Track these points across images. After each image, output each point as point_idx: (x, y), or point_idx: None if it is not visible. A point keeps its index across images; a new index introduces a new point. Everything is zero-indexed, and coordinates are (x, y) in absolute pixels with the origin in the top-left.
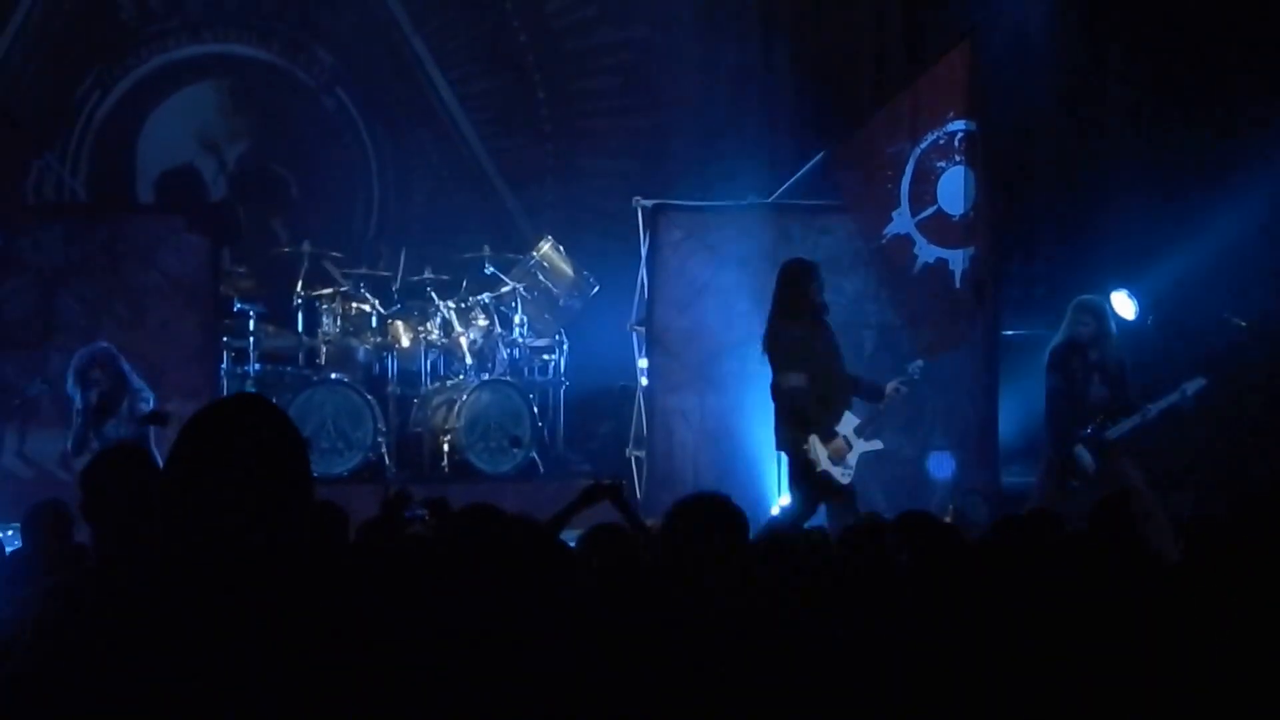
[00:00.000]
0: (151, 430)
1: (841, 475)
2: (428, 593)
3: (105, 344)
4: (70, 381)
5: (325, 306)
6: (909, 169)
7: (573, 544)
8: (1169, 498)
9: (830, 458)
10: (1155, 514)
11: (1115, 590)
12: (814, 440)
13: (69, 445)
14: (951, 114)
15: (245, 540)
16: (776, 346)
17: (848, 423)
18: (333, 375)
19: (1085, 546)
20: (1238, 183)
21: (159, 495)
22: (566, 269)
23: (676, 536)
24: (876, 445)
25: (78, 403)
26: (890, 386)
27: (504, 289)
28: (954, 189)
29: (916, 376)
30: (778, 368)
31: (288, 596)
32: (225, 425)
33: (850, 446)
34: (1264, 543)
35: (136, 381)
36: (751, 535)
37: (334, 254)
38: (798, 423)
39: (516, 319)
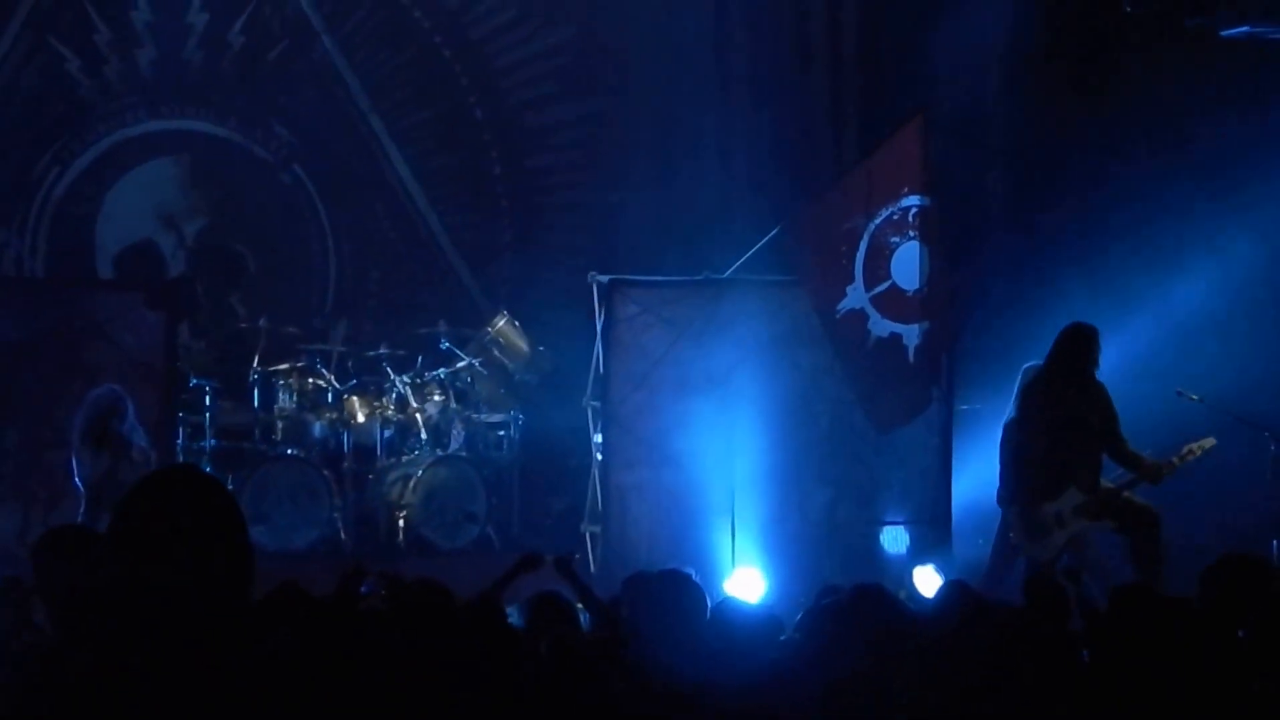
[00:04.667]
0: None
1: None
2: (377, 665)
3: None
4: (81, 437)
5: (282, 382)
6: (863, 244)
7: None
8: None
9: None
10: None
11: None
12: (1014, 513)
13: (81, 516)
14: (906, 189)
15: (184, 613)
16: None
17: (1069, 499)
18: (289, 451)
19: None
20: (1188, 258)
21: (101, 569)
22: (522, 344)
23: (633, 610)
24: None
25: (85, 469)
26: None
27: (460, 364)
28: (908, 264)
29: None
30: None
31: (229, 670)
32: (162, 499)
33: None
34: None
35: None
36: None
37: (291, 329)
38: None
39: (472, 395)
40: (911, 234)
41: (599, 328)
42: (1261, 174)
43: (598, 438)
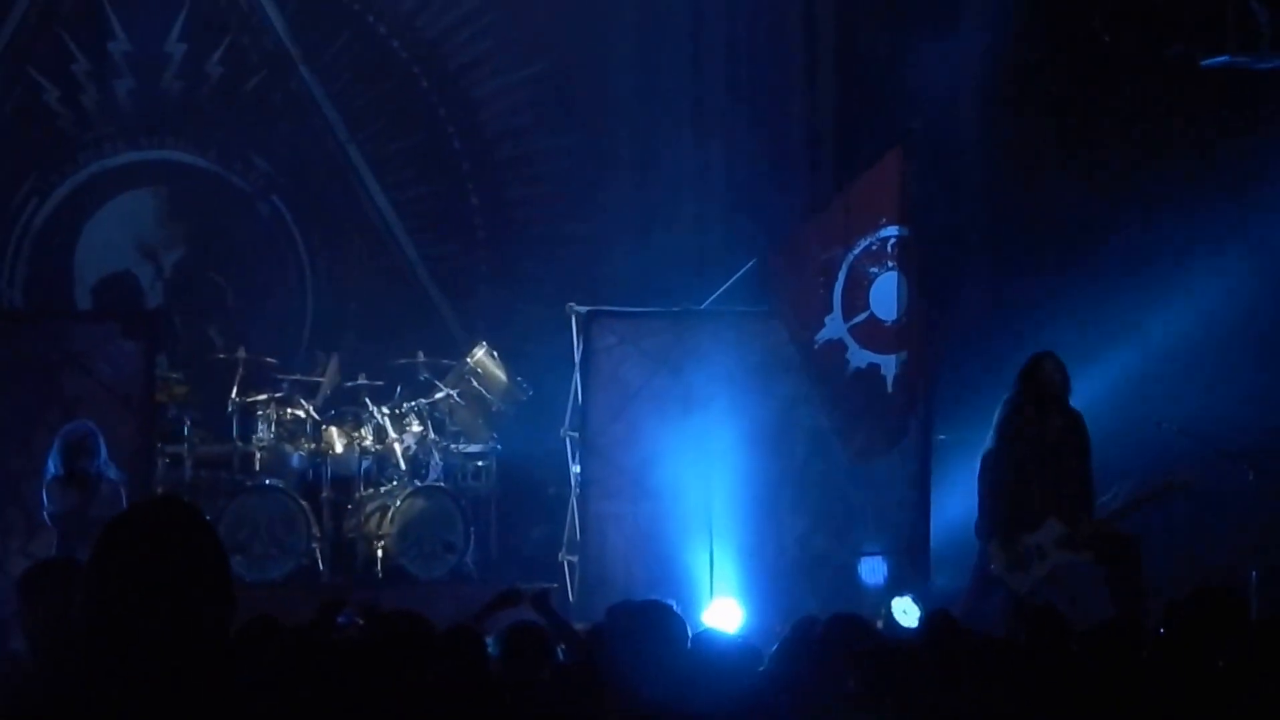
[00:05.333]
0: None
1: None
2: (355, 696)
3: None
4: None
5: (260, 413)
6: (842, 274)
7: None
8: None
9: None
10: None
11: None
12: (994, 545)
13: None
14: (884, 220)
15: (164, 644)
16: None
17: (1049, 531)
18: (267, 481)
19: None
20: (1170, 289)
21: (80, 601)
22: (500, 375)
23: (614, 640)
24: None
25: (54, 505)
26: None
27: (438, 395)
28: (887, 294)
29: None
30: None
31: (208, 702)
32: (143, 530)
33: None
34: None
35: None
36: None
37: (269, 360)
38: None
39: (450, 425)
40: (890, 264)
41: (577, 358)
42: (1241, 205)
43: (576, 468)
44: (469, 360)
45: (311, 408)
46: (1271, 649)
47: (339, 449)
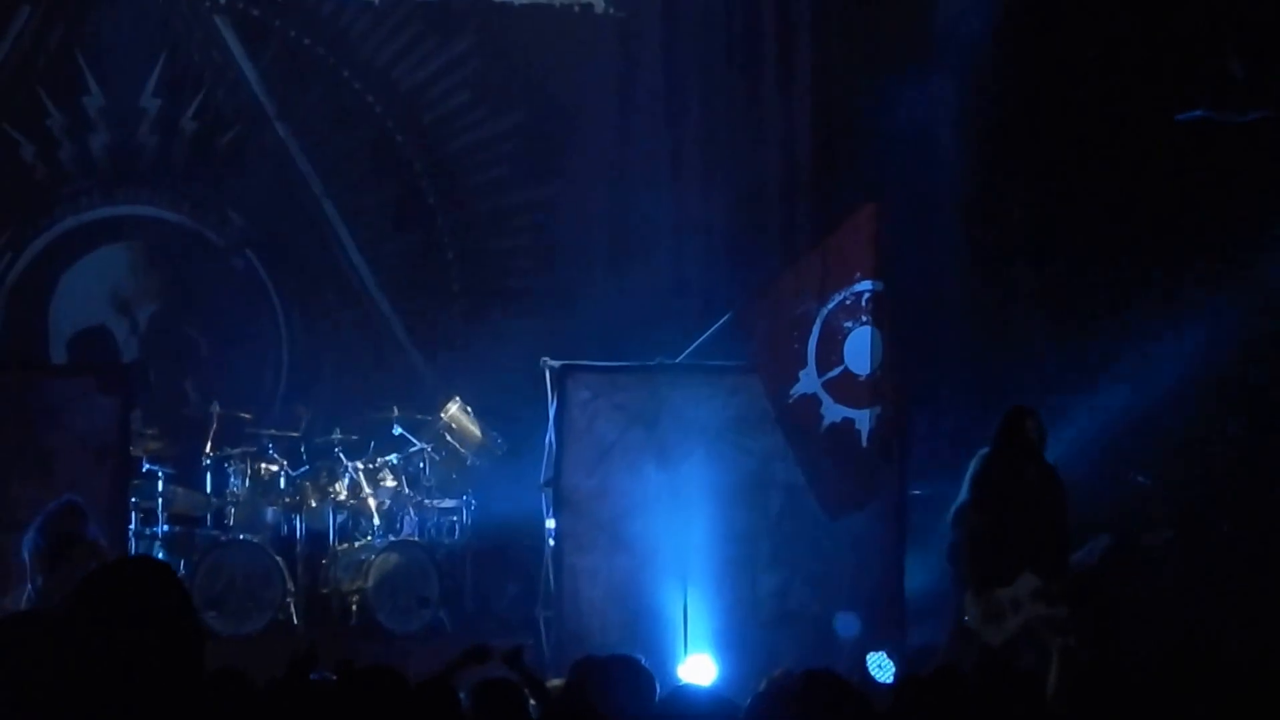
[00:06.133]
0: None
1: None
2: None
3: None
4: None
5: (234, 467)
6: (816, 329)
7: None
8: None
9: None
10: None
11: None
12: (969, 598)
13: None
14: (858, 274)
15: (134, 699)
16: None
17: (1024, 584)
18: (241, 536)
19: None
20: (1143, 345)
21: (53, 656)
22: (474, 430)
23: (583, 695)
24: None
25: (38, 581)
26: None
27: (412, 450)
28: (861, 349)
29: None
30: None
31: None
32: (115, 589)
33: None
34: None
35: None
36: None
37: (243, 414)
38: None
39: (424, 480)
40: (864, 318)
41: (552, 413)
42: (1220, 256)
43: (551, 522)
44: (443, 415)
45: (286, 463)
46: (1248, 701)
47: (313, 504)
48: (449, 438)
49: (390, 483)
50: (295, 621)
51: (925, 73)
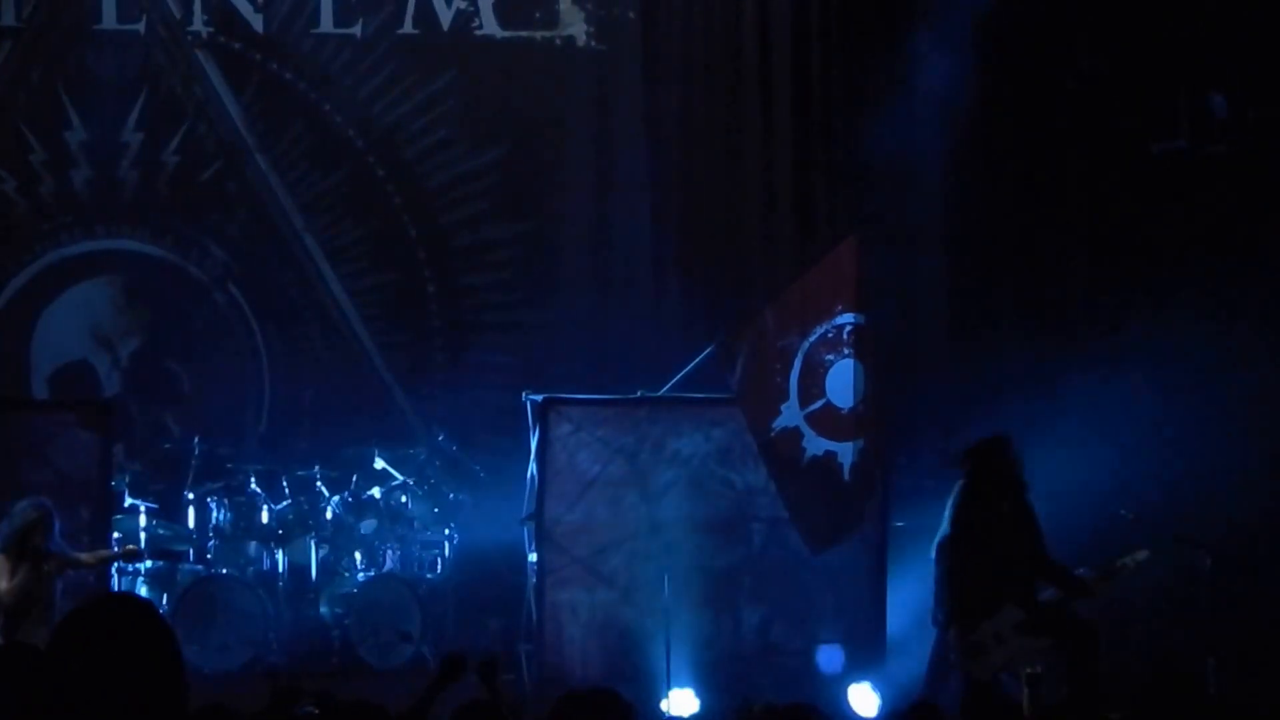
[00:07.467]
0: None
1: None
2: None
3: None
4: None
5: (215, 501)
6: (798, 362)
7: None
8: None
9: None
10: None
11: None
12: (952, 633)
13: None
14: (840, 307)
15: None
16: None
17: (1007, 616)
18: (223, 570)
19: None
20: (1131, 375)
21: (37, 693)
22: (456, 464)
23: None
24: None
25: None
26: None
27: (394, 484)
28: (843, 382)
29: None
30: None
31: None
32: (97, 626)
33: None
34: None
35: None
36: None
37: (224, 449)
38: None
39: (406, 514)
40: (846, 351)
41: (533, 446)
42: (1202, 285)
43: (533, 556)
44: (425, 449)
45: (268, 497)
46: None
47: (295, 538)
48: (430, 472)
49: (371, 517)
50: (278, 657)
51: (905, 105)
